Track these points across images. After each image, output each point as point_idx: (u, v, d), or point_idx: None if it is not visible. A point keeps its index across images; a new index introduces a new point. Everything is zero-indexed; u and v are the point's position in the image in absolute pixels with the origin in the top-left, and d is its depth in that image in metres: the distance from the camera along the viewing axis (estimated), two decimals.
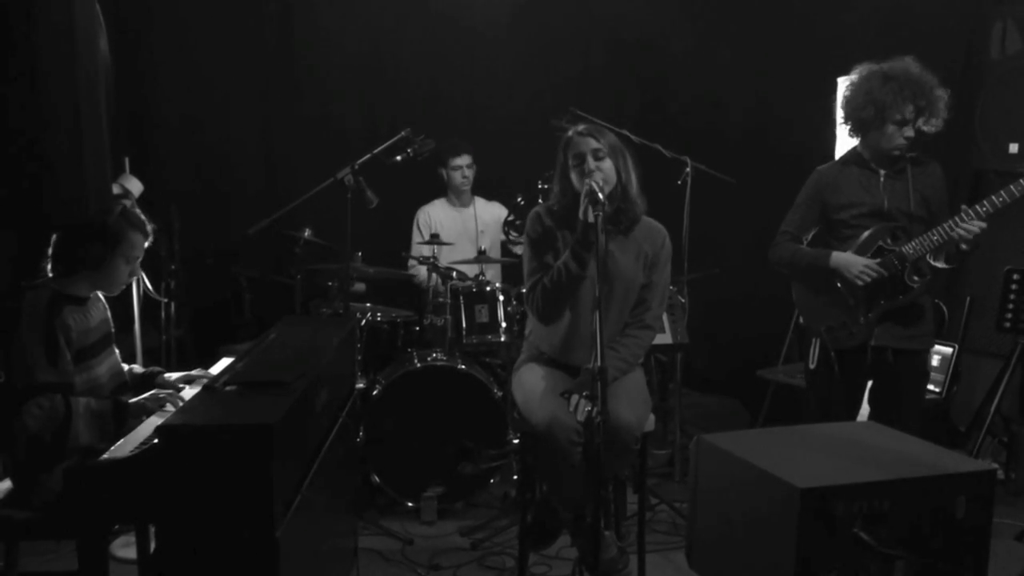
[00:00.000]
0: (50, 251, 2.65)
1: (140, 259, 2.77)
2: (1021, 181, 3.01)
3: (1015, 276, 3.65)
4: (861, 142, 3.31)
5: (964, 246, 3.08)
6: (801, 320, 3.45)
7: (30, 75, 3.44)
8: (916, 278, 3.18)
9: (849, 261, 3.20)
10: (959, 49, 4.68)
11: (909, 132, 3.16)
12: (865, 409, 3.43)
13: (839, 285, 3.25)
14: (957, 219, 3.06)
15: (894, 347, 3.23)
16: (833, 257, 3.23)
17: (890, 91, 3.12)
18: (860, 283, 3.17)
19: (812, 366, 3.35)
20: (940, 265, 3.25)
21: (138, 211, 2.77)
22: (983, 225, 3.04)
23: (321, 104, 5.12)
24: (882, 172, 3.26)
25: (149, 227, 2.78)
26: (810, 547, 1.91)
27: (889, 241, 3.20)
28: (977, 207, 3.04)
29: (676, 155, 4.17)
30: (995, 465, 3.84)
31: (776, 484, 1.97)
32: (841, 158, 3.40)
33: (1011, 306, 3.65)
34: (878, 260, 3.18)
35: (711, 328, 4.70)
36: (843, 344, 3.26)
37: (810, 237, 3.36)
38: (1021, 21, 4.57)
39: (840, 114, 3.32)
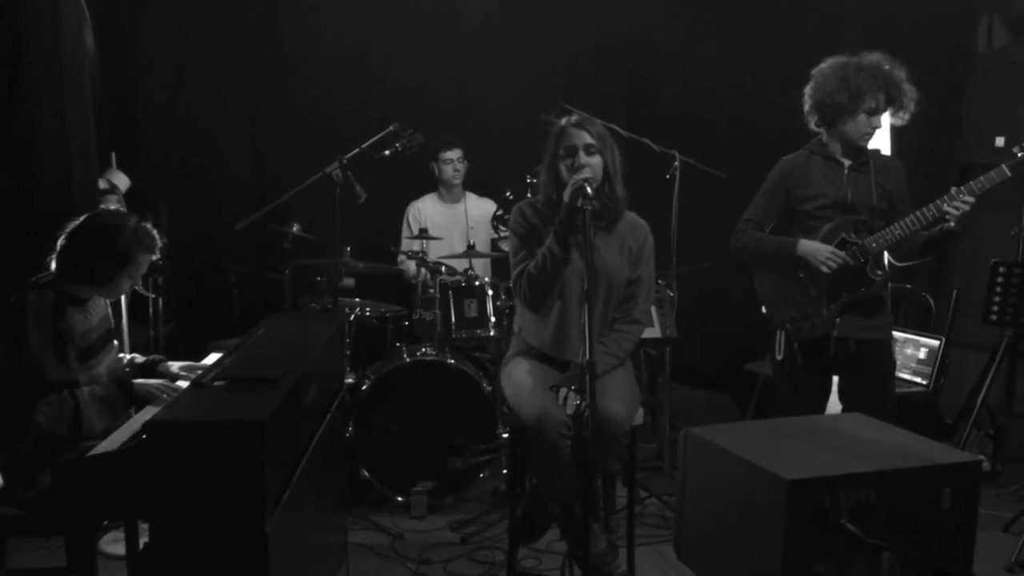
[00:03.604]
0: (56, 253, 2.64)
1: (143, 273, 2.78)
2: (981, 178, 3.05)
3: (1001, 269, 3.67)
4: (827, 132, 3.33)
5: (952, 223, 3.06)
6: (764, 311, 3.47)
7: (15, 68, 3.43)
8: (879, 272, 3.21)
9: (816, 248, 3.22)
10: (946, 43, 4.70)
11: (877, 122, 3.22)
12: (834, 405, 3.45)
13: (801, 275, 3.27)
14: (947, 197, 3.07)
15: (856, 337, 3.26)
16: (800, 245, 3.25)
17: (864, 79, 3.17)
18: (826, 270, 3.19)
19: (779, 357, 3.37)
20: (896, 262, 3.30)
21: (148, 226, 2.75)
22: (971, 200, 3.04)
23: (310, 98, 5.11)
24: (846, 165, 3.28)
25: (158, 243, 2.77)
26: (797, 538, 1.92)
27: (852, 235, 3.23)
28: (963, 187, 3.07)
29: (665, 149, 4.18)
30: (981, 457, 3.86)
31: (764, 476, 1.98)
32: (806, 148, 3.40)
33: (997, 299, 3.66)
34: (844, 251, 3.21)
35: (700, 322, 4.71)
36: (805, 335, 3.28)
37: (771, 227, 3.38)
38: (1007, 15, 4.60)
39: (807, 104, 3.32)
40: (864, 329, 3.26)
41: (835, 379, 3.43)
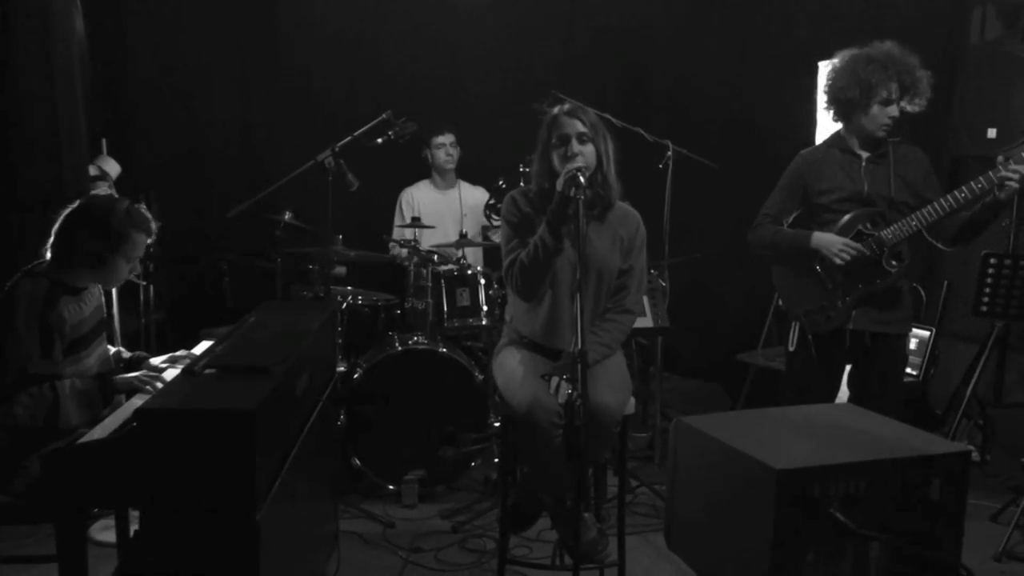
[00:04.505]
0: (51, 239, 2.62)
1: (141, 257, 2.75)
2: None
3: (992, 261, 3.68)
4: (845, 126, 3.32)
5: (1002, 194, 3.01)
6: (780, 303, 3.48)
7: (3, 53, 3.41)
8: (894, 263, 3.20)
9: (829, 240, 3.22)
10: (939, 34, 4.69)
11: (894, 111, 3.19)
12: (844, 393, 3.46)
13: (818, 268, 3.27)
14: (998, 167, 3.01)
15: (872, 331, 3.26)
16: (814, 237, 3.25)
17: (875, 70, 3.15)
18: (839, 261, 3.19)
19: (791, 349, 3.37)
20: (941, 246, 3.27)
21: (141, 207, 2.73)
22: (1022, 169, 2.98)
23: (301, 86, 5.09)
24: (864, 157, 3.27)
25: (153, 224, 2.74)
26: (787, 528, 1.93)
27: (868, 226, 3.22)
28: (1011, 161, 3.01)
29: (658, 139, 4.17)
30: (971, 447, 3.89)
31: (754, 465, 1.98)
32: (824, 142, 3.42)
33: (987, 290, 3.67)
34: (859, 243, 3.20)
35: (692, 312, 4.72)
36: (821, 328, 3.28)
37: (791, 220, 3.38)
38: (1000, 6, 4.60)
39: (823, 99, 3.33)
40: (880, 323, 3.26)
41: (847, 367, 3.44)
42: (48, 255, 2.62)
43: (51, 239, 2.62)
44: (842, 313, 3.25)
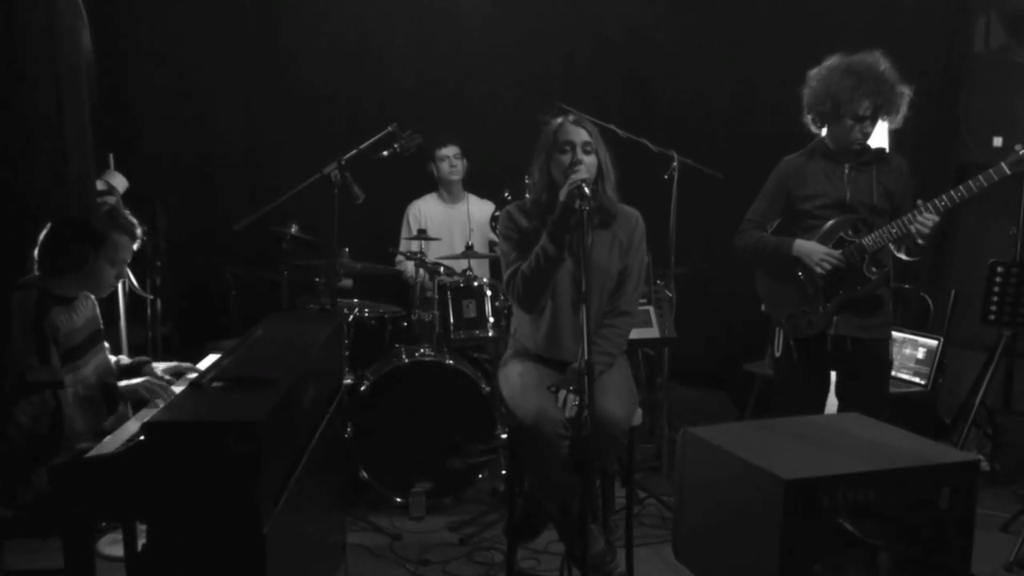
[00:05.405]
0: (36, 249, 2.64)
1: (127, 261, 2.76)
2: (980, 177, 3.04)
3: (999, 269, 3.67)
4: (827, 133, 3.33)
5: (920, 240, 3.11)
6: (763, 308, 3.48)
7: (11, 71, 3.43)
8: (874, 269, 3.22)
9: (811, 249, 3.24)
10: (943, 43, 4.70)
11: (867, 128, 3.21)
12: (832, 402, 3.46)
13: (800, 274, 3.29)
14: (914, 213, 3.10)
15: (853, 336, 3.27)
16: (796, 245, 3.27)
17: (848, 87, 3.14)
18: (820, 271, 3.22)
19: (777, 355, 3.39)
20: (903, 256, 3.30)
21: (126, 213, 2.75)
22: (935, 219, 3.06)
23: (307, 98, 5.10)
24: (846, 164, 3.29)
25: (138, 229, 2.75)
26: (795, 538, 1.92)
27: (850, 232, 3.24)
28: (936, 201, 3.09)
29: (663, 149, 4.18)
30: (979, 456, 3.87)
31: (761, 476, 1.98)
32: (807, 148, 3.42)
33: (995, 299, 3.67)
34: (840, 251, 3.21)
35: (698, 322, 4.71)
36: (802, 333, 3.30)
37: (774, 226, 3.39)
38: (1005, 15, 4.60)
39: (804, 106, 3.34)
40: (861, 328, 3.27)
41: (833, 375, 3.45)
42: (36, 266, 2.64)
43: (36, 248, 2.65)
44: (823, 318, 3.27)
